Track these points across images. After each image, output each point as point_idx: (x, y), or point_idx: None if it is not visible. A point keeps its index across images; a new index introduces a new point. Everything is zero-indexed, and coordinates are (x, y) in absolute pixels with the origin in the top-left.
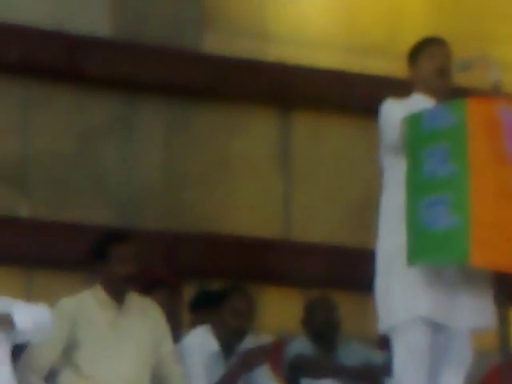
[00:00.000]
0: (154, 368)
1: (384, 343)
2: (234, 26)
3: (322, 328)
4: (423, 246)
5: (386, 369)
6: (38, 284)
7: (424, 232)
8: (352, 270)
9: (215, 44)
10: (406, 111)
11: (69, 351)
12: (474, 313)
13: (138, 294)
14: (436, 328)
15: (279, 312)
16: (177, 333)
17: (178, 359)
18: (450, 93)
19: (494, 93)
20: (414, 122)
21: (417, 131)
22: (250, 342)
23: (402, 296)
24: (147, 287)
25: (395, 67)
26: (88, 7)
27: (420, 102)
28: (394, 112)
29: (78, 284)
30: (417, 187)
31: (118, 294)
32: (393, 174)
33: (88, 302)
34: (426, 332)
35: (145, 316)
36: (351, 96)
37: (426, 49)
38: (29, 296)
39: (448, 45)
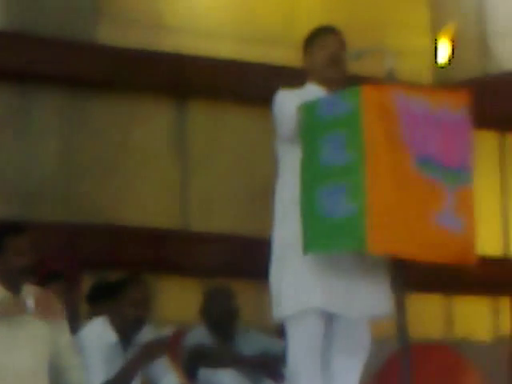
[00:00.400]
0: (52, 359)
1: (283, 332)
2: (129, 17)
3: (221, 317)
4: (321, 235)
5: (285, 357)
6: None
7: (322, 221)
8: (250, 258)
9: (110, 35)
10: (300, 101)
11: None
12: (371, 301)
13: (34, 285)
14: (331, 316)
15: (178, 302)
16: (75, 324)
17: (76, 350)
18: (343, 82)
19: (388, 80)
20: (308, 110)
21: (312, 119)
22: (147, 332)
23: (295, 286)
24: (44, 279)
25: (291, 56)
26: None
27: (313, 91)
28: (288, 102)
29: None
30: (314, 176)
31: (14, 286)
32: (288, 162)
33: None
34: (318, 322)
35: None
36: (248, 85)
37: (319, 38)
38: None
39: (341, 33)
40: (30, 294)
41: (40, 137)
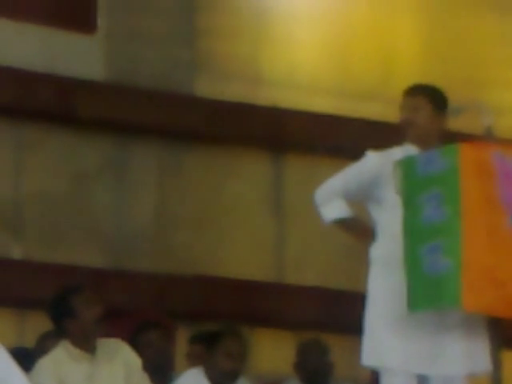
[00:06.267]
0: None
1: None
2: (227, 70)
3: (315, 371)
4: (423, 293)
5: None
6: (31, 326)
7: (424, 278)
8: (344, 313)
9: (207, 87)
10: (387, 162)
11: None
12: (468, 357)
13: (104, 338)
14: (424, 376)
15: (272, 354)
16: (169, 373)
17: None
18: (441, 139)
19: (486, 138)
20: (407, 166)
21: (411, 176)
22: None
23: (389, 342)
24: (139, 328)
25: (388, 112)
26: (81, 50)
27: (409, 150)
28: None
29: None
30: (417, 233)
31: (88, 344)
32: (379, 224)
33: (63, 360)
34: (412, 377)
35: (115, 361)
36: (344, 140)
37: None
38: (21, 337)
39: (419, 95)
40: (102, 349)
41: (136, 188)
